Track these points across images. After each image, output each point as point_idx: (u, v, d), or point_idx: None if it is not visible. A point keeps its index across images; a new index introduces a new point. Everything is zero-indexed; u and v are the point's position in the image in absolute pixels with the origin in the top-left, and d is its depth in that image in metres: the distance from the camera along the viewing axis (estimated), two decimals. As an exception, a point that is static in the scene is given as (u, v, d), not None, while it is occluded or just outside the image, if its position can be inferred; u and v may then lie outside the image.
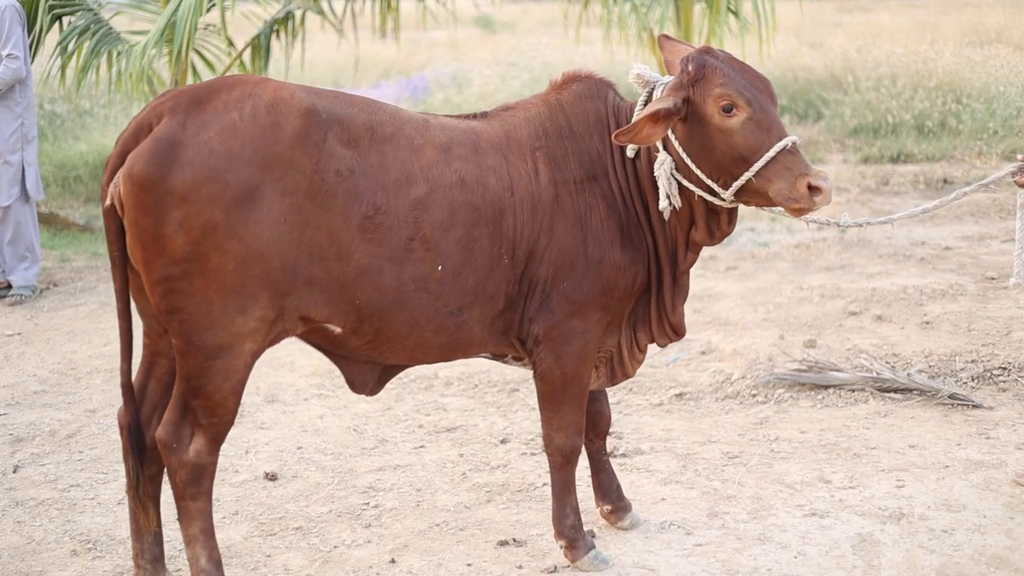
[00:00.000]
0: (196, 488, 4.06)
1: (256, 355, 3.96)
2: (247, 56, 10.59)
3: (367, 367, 4.34)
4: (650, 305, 4.49)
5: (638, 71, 4.40)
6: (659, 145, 4.25)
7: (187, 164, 3.73)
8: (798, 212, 4.14)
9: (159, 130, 3.79)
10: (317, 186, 3.86)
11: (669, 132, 4.20)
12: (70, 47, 10.10)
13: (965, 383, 6.48)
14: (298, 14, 10.49)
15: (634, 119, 4.16)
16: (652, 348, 7.38)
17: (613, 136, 4.07)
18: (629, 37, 10.47)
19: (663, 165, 4.24)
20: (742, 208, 4.47)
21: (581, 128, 4.36)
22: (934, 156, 12.51)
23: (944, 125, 13.18)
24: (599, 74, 4.48)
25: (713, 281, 8.89)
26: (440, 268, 4.05)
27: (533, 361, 4.39)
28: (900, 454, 5.60)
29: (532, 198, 4.22)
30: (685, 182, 4.25)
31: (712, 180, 4.19)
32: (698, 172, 4.19)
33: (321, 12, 10.26)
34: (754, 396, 6.45)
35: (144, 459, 4.20)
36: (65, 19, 10.27)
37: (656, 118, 4.06)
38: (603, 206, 4.31)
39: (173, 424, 4.04)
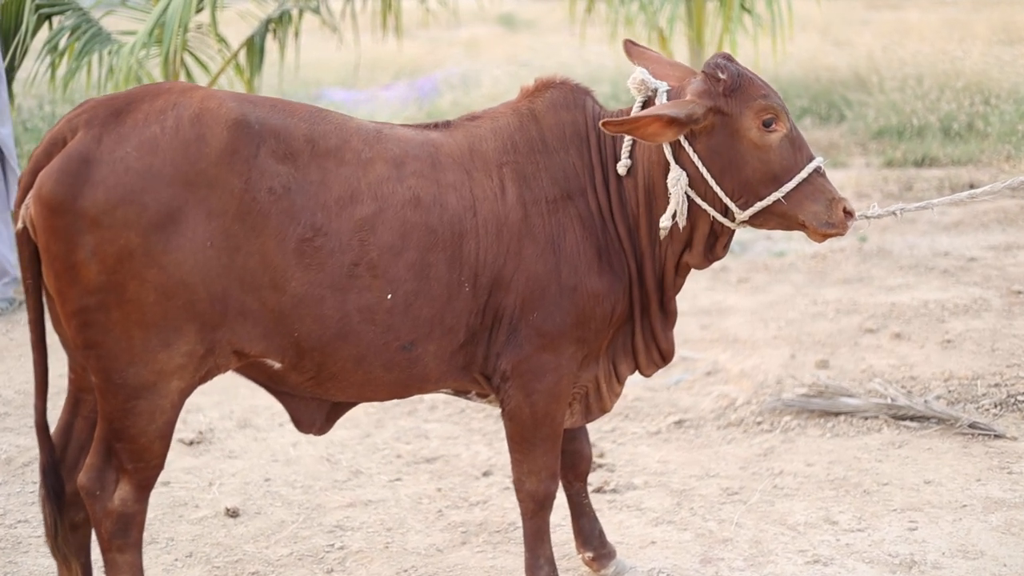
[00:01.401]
0: (123, 539, 3.66)
1: (186, 393, 3.57)
2: (243, 57, 10.21)
3: (313, 404, 3.93)
4: (634, 335, 4.07)
5: (642, 76, 3.96)
6: (671, 158, 3.84)
7: (100, 184, 3.33)
8: (825, 237, 3.87)
9: (72, 146, 3.39)
10: (247, 206, 3.45)
11: (686, 144, 3.79)
12: (61, 44, 9.74)
13: (987, 410, 6.00)
14: (295, 13, 10.09)
15: (633, 115, 3.73)
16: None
17: (601, 122, 3.68)
18: (637, 37, 10.01)
19: (679, 181, 3.83)
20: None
21: (555, 141, 3.93)
22: (960, 160, 11.98)
23: (971, 127, 12.63)
24: (575, 80, 4.05)
25: (723, 294, 8.43)
26: (389, 297, 3.63)
27: (500, 399, 3.97)
28: (914, 491, 5.15)
29: (497, 219, 3.79)
30: (698, 200, 3.86)
31: (732, 199, 3.81)
32: (717, 189, 3.81)
33: (316, 11, 9.86)
34: (759, 424, 6.00)
35: (64, 506, 3.80)
36: (54, 20, 9.93)
37: (668, 121, 3.68)
38: (579, 228, 3.88)
39: (96, 469, 3.65)
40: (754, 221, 3.88)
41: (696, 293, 8.31)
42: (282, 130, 3.57)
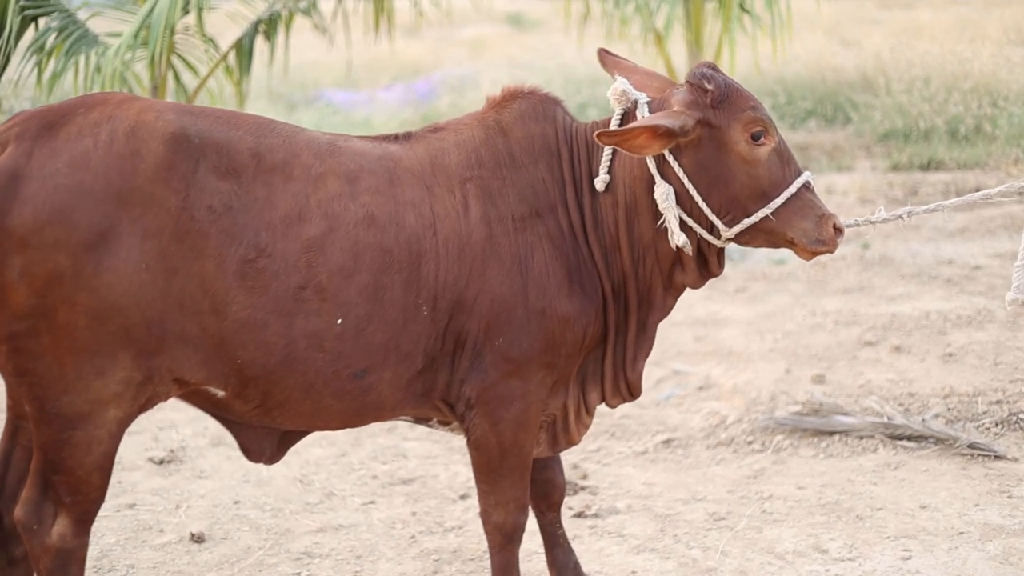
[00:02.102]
0: (62, 576, 3.45)
1: (124, 423, 3.36)
2: (233, 59, 10.00)
3: (263, 433, 3.72)
4: (604, 359, 3.84)
5: (623, 87, 3.74)
6: (656, 173, 3.62)
7: (28, 202, 3.13)
8: (814, 255, 3.66)
9: (1, 160, 3.18)
10: (185, 226, 3.24)
11: (671, 158, 3.57)
12: (48, 44, 9.55)
13: (987, 428, 5.76)
14: (285, 14, 9.87)
15: (628, 126, 3.52)
16: (646, 382, 6.77)
17: (595, 133, 3.47)
18: (633, 39, 9.77)
19: (669, 197, 3.60)
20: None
21: (523, 155, 3.71)
22: (967, 164, 11.70)
23: (979, 130, 12.36)
24: (545, 89, 3.82)
25: (720, 304, 8.19)
26: (339, 322, 3.41)
27: (465, 428, 3.75)
28: (909, 517, 4.91)
29: (459, 238, 3.57)
30: (684, 216, 3.64)
31: (718, 216, 3.59)
32: (703, 206, 3.59)
33: (307, 12, 9.65)
34: (750, 444, 5.77)
35: (2, 540, 3.60)
36: (40, 22, 9.74)
37: (660, 132, 3.46)
38: (548, 247, 3.66)
39: (33, 503, 3.46)
40: (741, 238, 3.67)
41: (692, 303, 8.08)
42: (225, 144, 3.35)
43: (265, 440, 3.73)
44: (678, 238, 3.60)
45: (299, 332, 3.38)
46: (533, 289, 3.62)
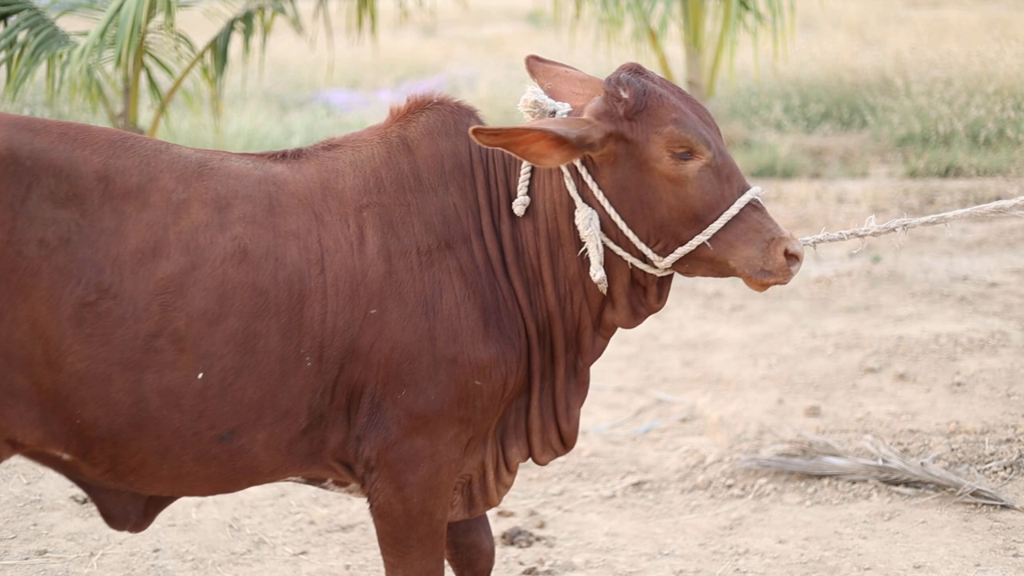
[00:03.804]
0: None
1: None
2: (209, 58, 9.53)
3: (127, 497, 3.19)
4: (529, 411, 3.31)
5: (534, 97, 3.21)
6: (576, 195, 3.11)
7: None
8: (764, 286, 3.09)
9: None
10: (11, 263, 2.74)
11: (589, 179, 3.06)
12: (20, 38, 9.11)
13: (995, 473, 5.19)
14: (263, 12, 9.39)
15: (519, 125, 3.00)
16: (622, 411, 6.23)
17: (471, 129, 2.94)
18: (625, 38, 9.21)
19: (591, 223, 3.08)
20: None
21: (432, 176, 3.19)
22: (988, 171, 11.08)
23: (1002, 135, 11.72)
24: (456, 98, 3.28)
25: (714, 324, 7.62)
26: (201, 376, 2.89)
27: (367, 492, 3.22)
28: (900, 579, 4.36)
29: (352, 275, 3.04)
30: (612, 244, 3.13)
31: (647, 244, 3.07)
32: (629, 233, 3.07)
33: (280, 10, 9.18)
34: (729, 488, 5.21)
35: None
36: (9, 21, 9.31)
37: (554, 140, 2.97)
38: (460, 284, 3.13)
39: None
40: (680, 268, 3.14)
41: (684, 323, 7.54)
42: (66, 165, 2.84)
43: (129, 505, 3.20)
44: (596, 272, 3.08)
45: (151, 388, 2.86)
46: (442, 333, 3.09)
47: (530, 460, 3.40)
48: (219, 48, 9.46)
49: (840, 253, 9.12)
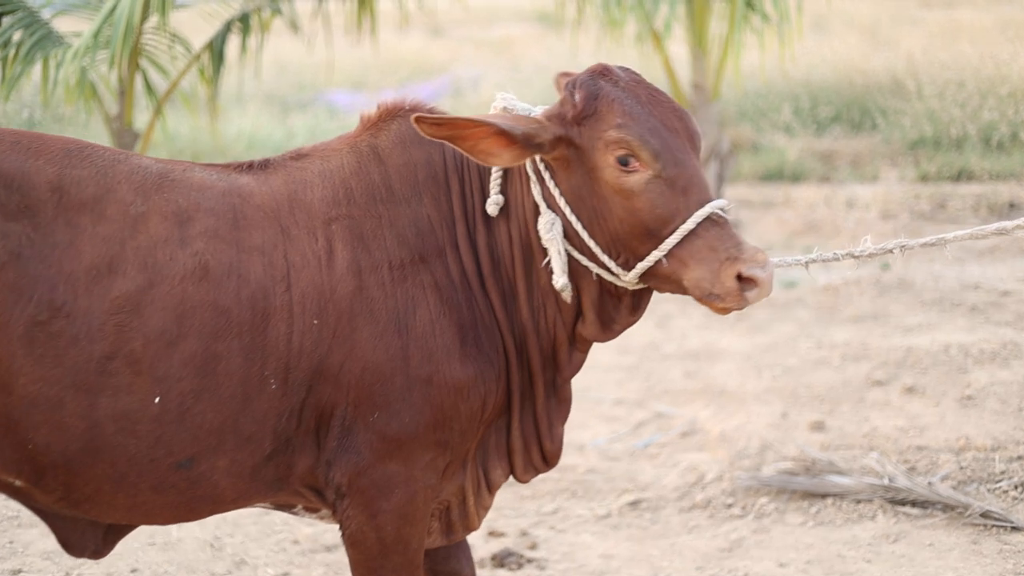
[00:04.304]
0: None
1: None
2: (207, 59, 9.39)
3: (85, 524, 3.03)
4: (511, 431, 3.14)
5: (504, 103, 3.05)
6: (540, 201, 2.96)
7: None
8: (724, 310, 2.84)
9: None
10: None
11: (551, 183, 2.90)
12: (14, 38, 8.99)
13: (1005, 492, 5.00)
14: (259, 13, 9.24)
15: (463, 116, 2.84)
16: (621, 424, 6.06)
17: (413, 116, 2.78)
18: (627, 40, 9.02)
19: (553, 228, 2.91)
20: (767, 234, 3.06)
21: (404, 187, 3.02)
22: (1000, 175, 10.88)
23: (1015, 138, 11.53)
24: (430, 103, 3.11)
25: (718, 333, 7.44)
26: (158, 401, 2.72)
27: (339, 520, 3.05)
28: (905, 606, 4.18)
29: (320, 293, 2.87)
30: (576, 254, 2.96)
31: (609, 256, 2.88)
32: (591, 243, 2.91)
33: (277, 11, 9.03)
34: (729, 507, 5.03)
35: None
36: (4, 20, 9.19)
37: (498, 134, 2.82)
38: (434, 299, 2.96)
39: None
40: (648, 283, 2.95)
41: (686, 332, 7.36)
42: (17, 175, 2.68)
43: (88, 533, 3.04)
44: (558, 280, 2.91)
45: (105, 413, 2.70)
46: (416, 352, 2.92)
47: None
48: (215, 49, 9.33)
49: (848, 261, 8.91)
